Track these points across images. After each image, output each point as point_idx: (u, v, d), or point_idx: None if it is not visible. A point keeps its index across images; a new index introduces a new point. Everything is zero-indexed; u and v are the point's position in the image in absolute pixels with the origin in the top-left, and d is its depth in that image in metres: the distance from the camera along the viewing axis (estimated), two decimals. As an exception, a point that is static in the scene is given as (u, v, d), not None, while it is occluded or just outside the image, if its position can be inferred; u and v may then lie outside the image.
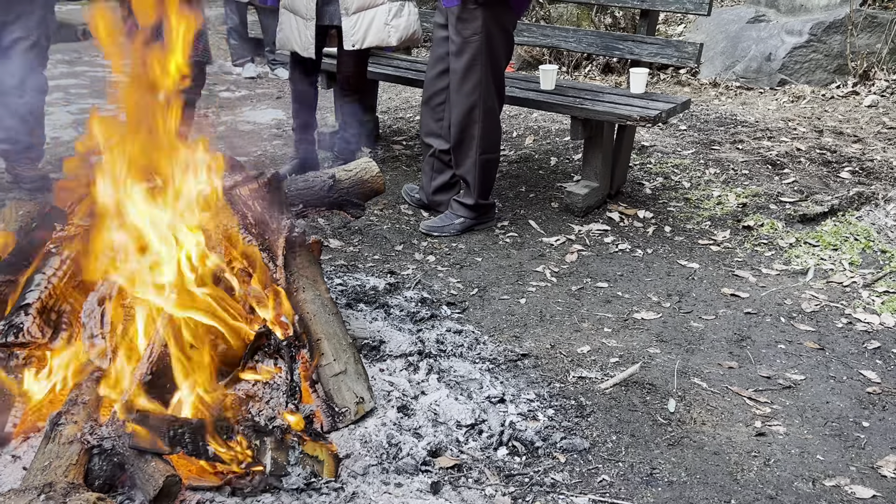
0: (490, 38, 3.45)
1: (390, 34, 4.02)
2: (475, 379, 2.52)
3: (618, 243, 3.69)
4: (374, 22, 3.97)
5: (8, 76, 3.77)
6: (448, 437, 2.21)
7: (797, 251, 3.59)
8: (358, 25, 3.96)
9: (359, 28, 3.96)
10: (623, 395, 2.52)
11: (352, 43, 3.99)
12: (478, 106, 3.54)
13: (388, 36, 4.02)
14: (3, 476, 1.86)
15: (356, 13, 3.94)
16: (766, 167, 4.64)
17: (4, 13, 3.64)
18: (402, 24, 4.04)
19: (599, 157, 3.97)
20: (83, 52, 8.10)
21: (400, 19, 4.04)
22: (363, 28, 3.97)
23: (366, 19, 3.96)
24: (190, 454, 1.82)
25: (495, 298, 3.16)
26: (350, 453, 2.08)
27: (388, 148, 5.00)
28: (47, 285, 1.96)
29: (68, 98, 6.11)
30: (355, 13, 3.94)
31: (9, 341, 1.86)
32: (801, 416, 2.46)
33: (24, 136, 3.93)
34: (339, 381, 2.18)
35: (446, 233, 3.74)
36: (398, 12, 4.03)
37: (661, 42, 4.16)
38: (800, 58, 6.38)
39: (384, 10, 3.97)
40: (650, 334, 2.92)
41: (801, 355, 2.80)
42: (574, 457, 2.21)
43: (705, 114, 5.81)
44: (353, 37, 3.98)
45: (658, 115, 3.72)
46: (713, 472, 2.18)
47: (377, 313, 2.90)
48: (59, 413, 1.85)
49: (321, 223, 3.79)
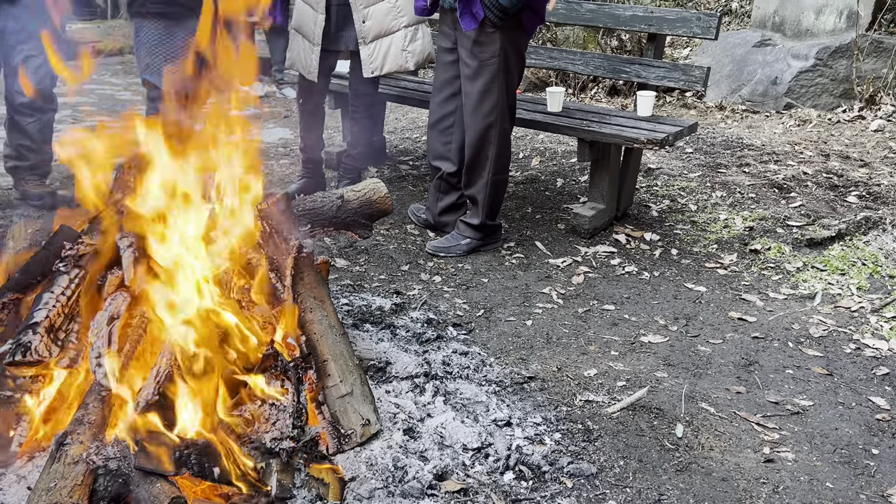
0: (507, 60, 3.47)
1: (408, 59, 4.06)
2: (481, 401, 2.50)
3: (624, 265, 3.68)
4: (391, 48, 4.00)
5: (18, 94, 3.80)
6: (454, 461, 2.19)
7: (804, 275, 3.58)
8: (376, 53, 3.99)
9: (377, 56, 4.00)
10: (630, 419, 2.51)
11: (371, 70, 4.02)
12: (494, 127, 3.56)
13: (405, 62, 4.06)
14: (8, 496, 1.85)
15: (374, 41, 3.97)
16: (772, 191, 4.64)
17: (16, 31, 3.68)
18: (418, 49, 4.08)
19: (606, 179, 3.97)
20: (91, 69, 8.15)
21: (416, 43, 4.07)
22: (381, 55, 4.00)
23: (383, 46, 3.99)
24: (195, 475, 1.81)
25: (501, 320, 3.15)
26: (356, 476, 2.06)
27: (394, 168, 5.01)
28: (55, 304, 1.96)
29: (76, 116, 6.15)
30: (373, 41, 3.97)
31: (16, 360, 1.85)
32: (809, 442, 2.44)
33: (33, 153, 3.96)
34: (345, 402, 2.17)
35: (452, 253, 3.74)
36: (413, 36, 4.06)
37: (668, 65, 4.18)
38: (806, 82, 6.40)
39: (400, 36, 4.01)
40: (657, 358, 2.90)
41: (809, 381, 2.78)
42: (581, 482, 2.19)
43: (711, 137, 5.83)
44: (371, 64, 4.01)
45: (665, 139, 3.73)
46: (721, 498, 2.16)
47: (383, 334, 2.90)
48: (65, 433, 1.84)
49: (327, 242, 3.80)
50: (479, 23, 3.38)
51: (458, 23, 3.43)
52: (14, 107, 3.84)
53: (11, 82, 3.79)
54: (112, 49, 9.06)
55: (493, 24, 3.37)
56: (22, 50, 3.72)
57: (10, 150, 3.96)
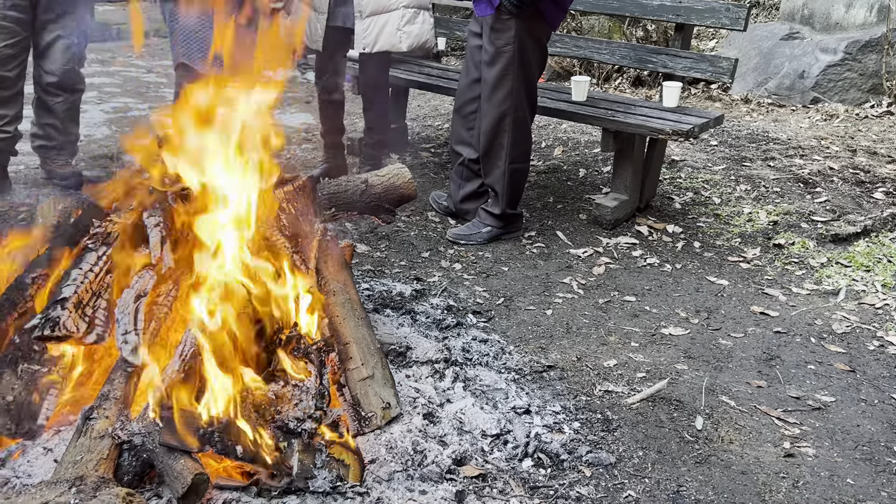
0: (523, 48, 3.45)
1: (401, 39, 4.02)
2: (501, 389, 2.51)
3: (646, 257, 3.66)
4: (386, 26, 3.98)
5: (47, 74, 3.83)
6: (473, 447, 2.20)
7: (828, 271, 3.55)
8: (370, 29, 3.97)
9: (371, 31, 3.98)
10: (650, 410, 2.50)
11: (363, 46, 4.01)
12: (508, 115, 3.54)
13: (398, 41, 4.02)
14: (35, 467, 1.88)
15: (370, 17, 3.95)
16: (797, 185, 4.59)
17: (46, 12, 3.71)
18: (414, 31, 4.04)
19: (630, 170, 3.95)
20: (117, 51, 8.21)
21: (413, 26, 4.04)
22: (375, 32, 3.98)
23: (378, 23, 3.97)
24: (218, 453, 1.83)
25: (521, 309, 3.15)
26: (375, 458, 2.07)
27: (416, 155, 5.01)
28: (83, 280, 1.98)
29: (101, 97, 6.20)
30: (369, 17, 3.95)
31: (45, 334, 1.88)
32: (830, 438, 2.42)
33: (60, 133, 3.99)
34: (366, 385, 2.18)
35: (473, 241, 3.74)
36: (412, 19, 4.03)
37: (695, 56, 4.14)
38: (834, 76, 6.32)
39: (397, 15, 3.98)
40: (678, 350, 2.89)
41: (831, 377, 2.76)
42: (600, 471, 2.19)
43: (736, 130, 5.77)
44: (364, 40, 4.00)
45: (691, 130, 3.70)
46: (741, 491, 2.15)
47: (403, 319, 2.90)
48: (92, 407, 1.87)
49: (348, 228, 3.81)
50: (496, 9, 3.36)
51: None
52: (42, 87, 3.88)
53: (40, 63, 3.83)
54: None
55: (509, 12, 3.35)
56: (52, 30, 3.75)
57: (38, 129, 3.99)
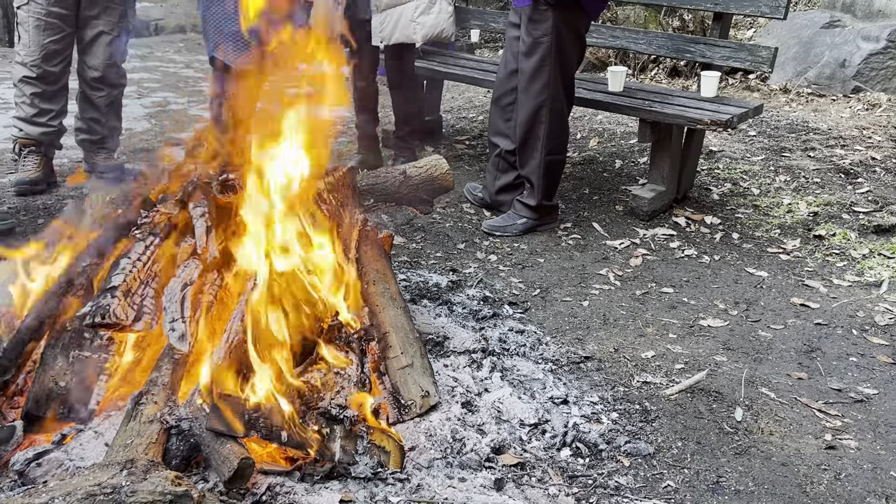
0: (560, 39, 3.44)
1: (415, 31, 4.02)
2: (538, 379, 2.52)
3: (684, 249, 3.64)
4: (401, 18, 3.99)
5: (90, 69, 3.92)
6: (511, 436, 2.21)
7: (870, 262, 3.49)
8: (386, 22, 3.99)
9: (386, 25, 4.00)
10: (689, 401, 2.49)
11: (380, 39, 4.03)
12: (545, 107, 3.53)
13: (412, 33, 4.02)
14: (87, 451, 1.94)
15: (386, 10, 3.97)
16: (838, 176, 4.51)
17: (89, 8, 3.79)
18: (429, 22, 4.02)
19: (667, 161, 3.92)
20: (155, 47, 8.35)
21: (427, 16, 4.02)
22: (391, 25, 3.99)
23: (394, 16, 3.98)
24: (263, 438, 1.87)
25: (557, 300, 3.15)
26: (415, 446, 2.10)
27: (450, 147, 5.02)
28: (132, 269, 2.03)
29: (141, 91, 6.31)
30: (385, 10, 3.97)
31: (95, 322, 1.93)
32: (873, 431, 2.39)
33: (102, 126, 4.08)
34: (405, 374, 2.21)
35: (508, 233, 3.75)
36: (426, 9, 4.01)
37: (734, 45, 4.08)
38: (876, 65, 6.18)
39: (412, 6, 3.98)
40: (716, 342, 2.87)
41: (873, 369, 2.72)
42: (638, 461, 2.19)
43: (775, 120, 5.68)
44: (381, 33, 4.02)
45: (730, 120, 3.65)
46: (781, 483, 2.14)
47: (440, 309, 2.93)
48: (141, 393, 1.92)
49: (384, 219, 3.84)
50: (534, 0, 3.36)
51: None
52: (86, 81, 3.96)
53: (84, 58, 3.91)
54: (174, 27, 9.24)
55: (547, 2, 3.34)
56: (95, 26, 3.83)
57: (82, 123, 4.09)
